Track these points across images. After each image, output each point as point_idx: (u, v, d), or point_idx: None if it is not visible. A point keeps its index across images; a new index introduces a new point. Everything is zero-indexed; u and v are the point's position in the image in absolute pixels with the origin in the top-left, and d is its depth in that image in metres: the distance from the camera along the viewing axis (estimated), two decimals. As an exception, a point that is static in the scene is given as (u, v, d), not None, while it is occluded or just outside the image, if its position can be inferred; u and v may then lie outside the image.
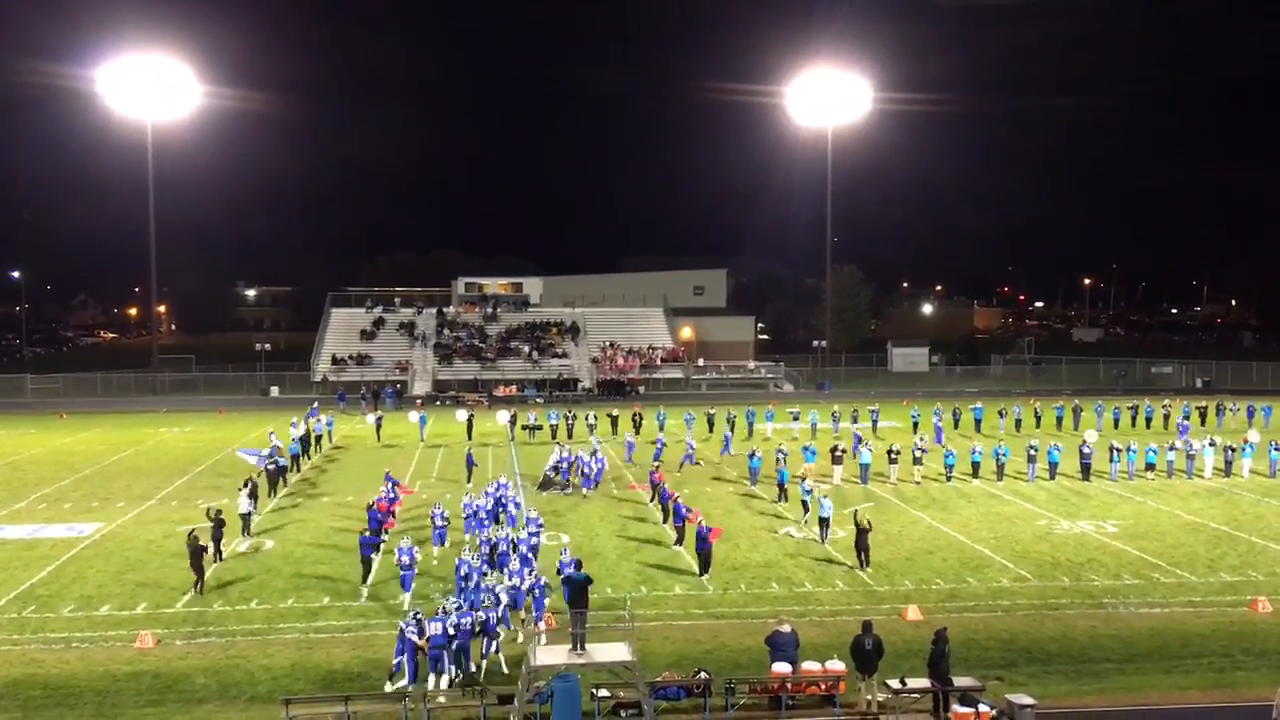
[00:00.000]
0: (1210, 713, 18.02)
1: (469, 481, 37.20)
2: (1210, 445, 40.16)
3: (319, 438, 45.92)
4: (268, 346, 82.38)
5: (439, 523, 27.92)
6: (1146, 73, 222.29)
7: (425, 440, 48.84)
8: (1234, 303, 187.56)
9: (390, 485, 32.24)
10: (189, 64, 71.10)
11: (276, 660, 20.17)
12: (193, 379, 79.12)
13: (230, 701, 18.42)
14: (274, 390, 72.80)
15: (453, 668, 18.84)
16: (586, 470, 36.19)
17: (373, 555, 25.49)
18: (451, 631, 18.88)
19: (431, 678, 18.64)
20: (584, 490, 35.71)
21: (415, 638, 18.84)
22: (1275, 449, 40.07)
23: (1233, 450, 39.83)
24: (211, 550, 26.20)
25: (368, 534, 26.17)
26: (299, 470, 40.27)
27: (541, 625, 20.18)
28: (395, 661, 19.10)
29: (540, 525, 26.84)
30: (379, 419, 50.16)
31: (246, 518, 29.77)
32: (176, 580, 24.87)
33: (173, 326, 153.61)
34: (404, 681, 18.71)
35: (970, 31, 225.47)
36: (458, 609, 19.62)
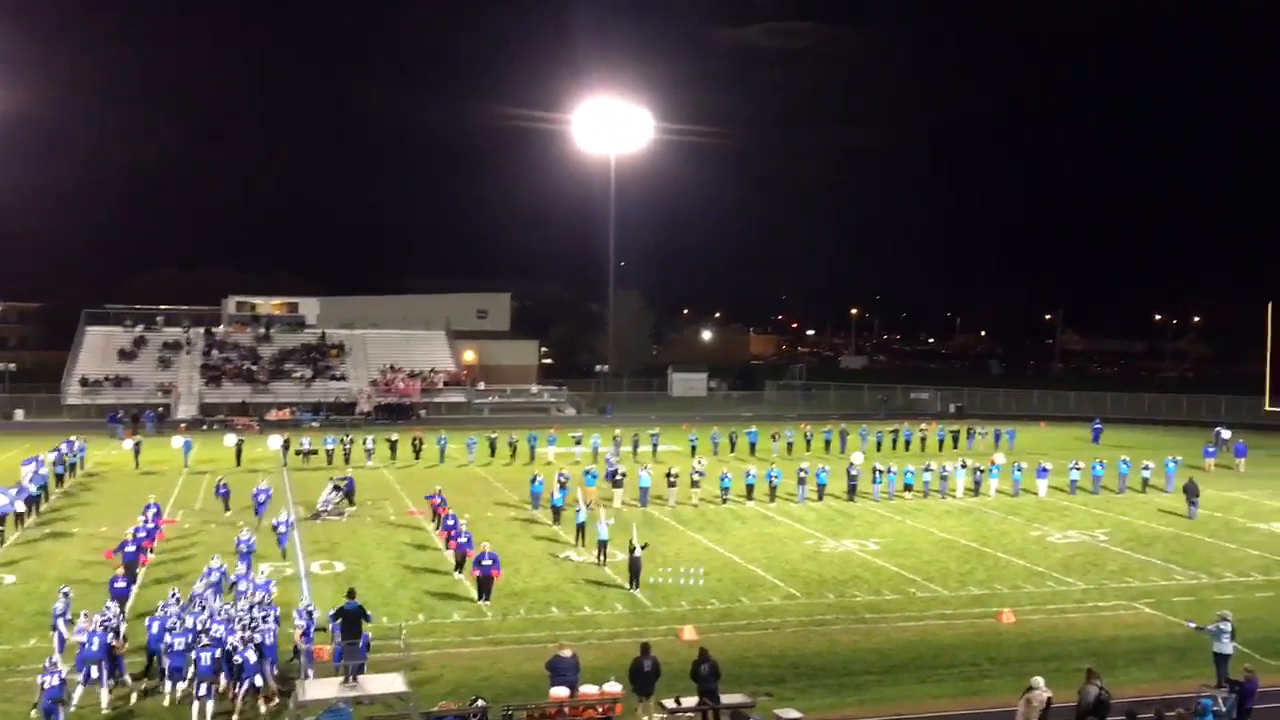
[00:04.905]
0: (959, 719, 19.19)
1: (226, 510, 35.44)
2: (961, 467, 42.95)
3: (71, 466, 42.91)
4: (12, 366, 76.36)
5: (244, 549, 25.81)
6: (903, 111, 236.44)
7: (190, 467, 46.34)
8: (983, 334, 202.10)
9: (152, 514, 30.28)
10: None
11: (16, 707, 18.56)
12: (-77, 401, 72.23)
13: (-41, 754, 16.85)
14: (19, 414, 67.45)
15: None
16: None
17: (128, 595, 23.92)
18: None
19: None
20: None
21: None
22: (1018, 469, 43.39)
23: (981, 471, 42.67)
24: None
25: (120, 573, 24.52)
26: (48, 499, 37.40)
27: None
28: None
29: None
30: (138, 444, 47.27)
31: None
32: (-102, 623, 22.58)
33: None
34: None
35: (746, 69, 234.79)
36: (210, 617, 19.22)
